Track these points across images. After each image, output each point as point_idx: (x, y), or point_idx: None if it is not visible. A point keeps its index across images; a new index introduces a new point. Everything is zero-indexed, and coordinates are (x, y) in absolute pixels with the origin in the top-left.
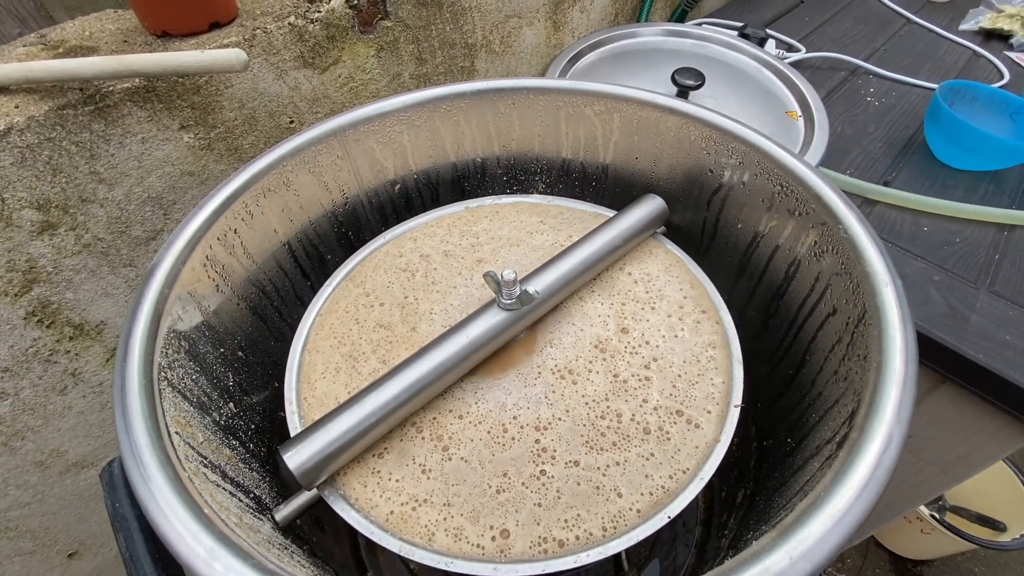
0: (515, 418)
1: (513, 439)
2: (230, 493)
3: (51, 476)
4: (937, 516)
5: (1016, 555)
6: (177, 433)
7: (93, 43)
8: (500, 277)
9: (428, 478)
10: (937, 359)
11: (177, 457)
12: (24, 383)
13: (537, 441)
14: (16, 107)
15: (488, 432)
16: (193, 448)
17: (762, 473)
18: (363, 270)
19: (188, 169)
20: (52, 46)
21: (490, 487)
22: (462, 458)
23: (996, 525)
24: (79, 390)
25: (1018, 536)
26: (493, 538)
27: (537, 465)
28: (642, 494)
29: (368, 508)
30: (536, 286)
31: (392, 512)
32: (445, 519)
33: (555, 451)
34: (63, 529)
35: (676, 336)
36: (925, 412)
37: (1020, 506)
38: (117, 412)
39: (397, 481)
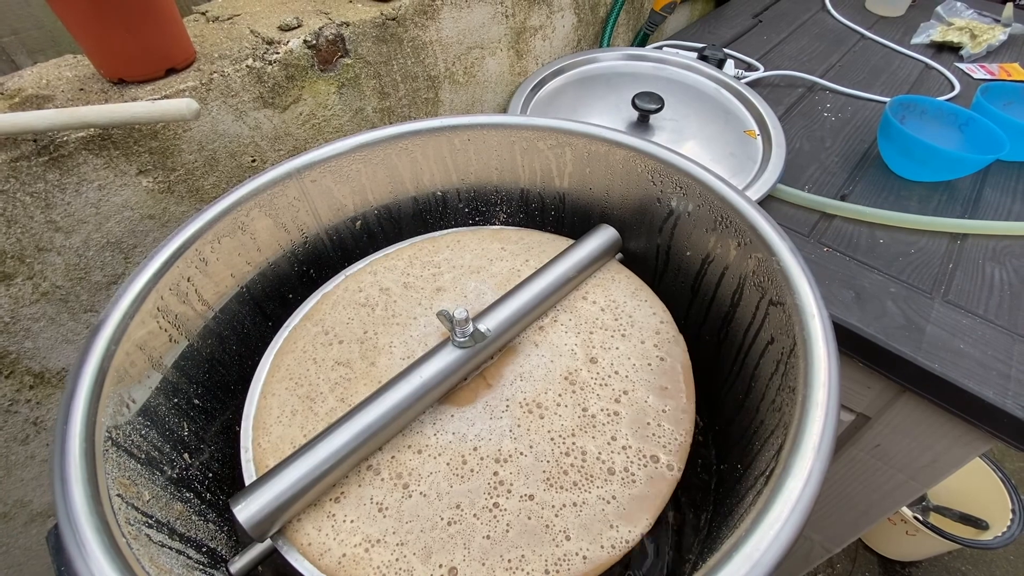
0: (475, 449)
1: (472, 471)
2: (177, 552)
3: (16, 527)
4: (920, 517)
5: (1002, 552)
6: (119, 495)
7: (50, 91)
8: (453, 316)
9: (384, 516)
10: (895, 370)
11: (117, 521)
12: None
13: (495, 474)
14: None
15: (447, 464)
16: (137, 509)
17: (718, 498)
18: (322, 307)
19: (148, 213)
20: (9, 95)
21: (442, 519)
22: (422, 493)
23: (979, 524)
24: (41, 439)
25: (1000, 534)
26: None
27: (491, 498)
28: (593, 542)
29: (320, 553)
30: (488, 324)
31: (344, 555)
32: (397, 559)
33: (512, 484)
34: None
35: (649, 365)
36: (889, 421)
37: (1001, 503)
38: (55, 479)
39: (352, 522)
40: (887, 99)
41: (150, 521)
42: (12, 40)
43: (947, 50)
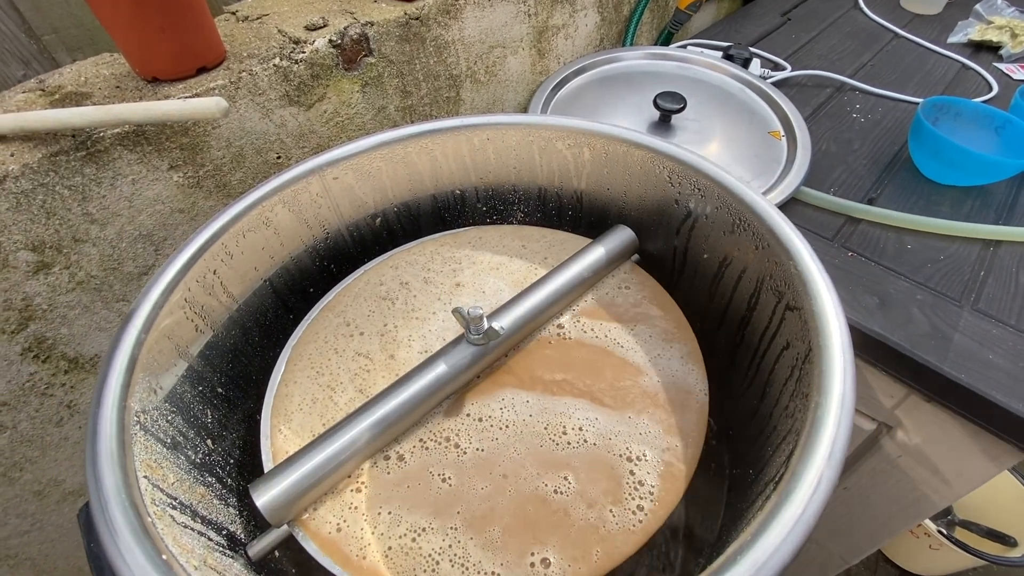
0: (581, 429)
1: (580, 442)
2: (198, 533)
3: (49, 505)
4: (945, 531)
5: None
6: (146, 477)
7: (88, 89)
8: (468, 313)
9: (449, 485)
10: (920, 379)
11: (143, 501)
12: (22, 416)
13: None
14: (11, 155)
15: (545, 428)
16: (162, 490)
17: (730, 501)
18: (344, 299)
19: (178, 207)
20: (49, 92)
21: (545, 486)
22: (477, 448)
23: (1006, 540)
24: (75, 421)
25: None
26: (532, 564)
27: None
28: None
29: (350, 543)
30: (502, 322)
31: (391, 548)
32: (451, 546)
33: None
34: (62, 556)
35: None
36: (913, 432)
37: None
38: (87, 459)
39: (391, 513)
40: (920, 100)
41: (174, 503)
42: (53, 38)
43: (985, 50)
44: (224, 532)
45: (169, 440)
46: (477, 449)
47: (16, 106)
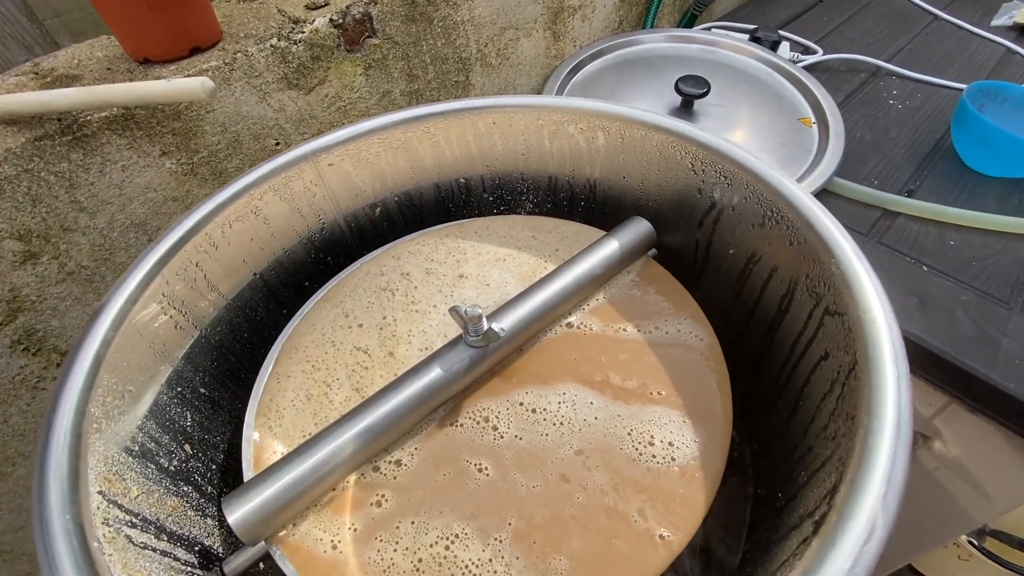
0: (671, 444)
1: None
2: (162, 553)
3: None
4: (976, 542)
5: None
6: (100, 492)
7: (79, 71)
8: (465, 313)
9: (487, 475)
10: (963, 387)
11: (92, 523)
12: (12, 410)
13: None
14: None
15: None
16: (121, 506)
17: (755, 524)
18: (342, 290)
19: (171, 195)
20: (42, 75)
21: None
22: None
23: None
24: None
25: None
26: None
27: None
28: None
29: (341, 564)
30: (503, 323)
31: (421, 559)
32: (491, 559)
33: None
34: None
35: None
36: (953, 443)
37: None
38: (35, 473)
39: (398, 526)
40: (962, 85)
41: (134, 520)
42: (55, 22)
43: None
44: (197, 548)
45: (137, 448)
46: (516, 436)
47: (7, 89)
